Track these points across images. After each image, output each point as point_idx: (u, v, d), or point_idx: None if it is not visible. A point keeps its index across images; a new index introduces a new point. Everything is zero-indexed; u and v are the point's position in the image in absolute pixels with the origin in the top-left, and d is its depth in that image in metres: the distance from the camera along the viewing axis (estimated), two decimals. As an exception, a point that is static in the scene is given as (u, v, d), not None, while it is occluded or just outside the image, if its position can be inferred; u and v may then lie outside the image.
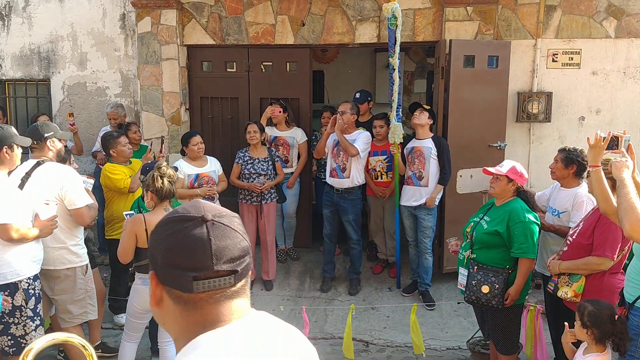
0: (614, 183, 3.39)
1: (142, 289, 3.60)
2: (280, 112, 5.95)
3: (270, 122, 6.03)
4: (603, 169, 3.16)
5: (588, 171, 3.53)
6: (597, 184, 3.06)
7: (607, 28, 5.76)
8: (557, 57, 5.85)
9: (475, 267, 3.73)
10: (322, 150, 5.59)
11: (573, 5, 5.77)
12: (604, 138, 3.01)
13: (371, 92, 6.71)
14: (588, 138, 3.12)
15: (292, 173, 6.11)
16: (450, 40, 5.51)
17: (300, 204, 6.34)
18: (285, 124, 6.07)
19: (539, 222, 3.70)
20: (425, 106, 5.35)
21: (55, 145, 3.80)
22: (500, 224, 3.65)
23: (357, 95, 6.13)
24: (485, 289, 3.65)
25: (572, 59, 5.83)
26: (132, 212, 4.00)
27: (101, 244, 6.10)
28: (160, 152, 5.14)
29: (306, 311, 4.64)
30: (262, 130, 5.62)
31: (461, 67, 5.52)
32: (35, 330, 3.42)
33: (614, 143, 3.06)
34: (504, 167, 3.70)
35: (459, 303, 4.09)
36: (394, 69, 5.20)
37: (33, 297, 3.38)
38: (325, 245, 5.78)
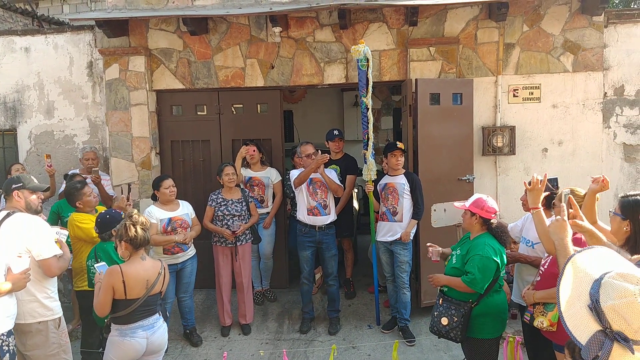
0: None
1: (118, 341, 3.48)
2: (254, 151, 5.98)
3: (244, 163, 6.05)
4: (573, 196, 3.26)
5: (553, 203, 3.63)
6: (539, 225, 3.16)
7: (564, 63, 6.03)
8: (517, 92, 6.08)
9: (441, 299, 3.80)
10: (305, 181, 5.50)
11: (531, 43, 6.04)
12: (541, 180, 3.13)
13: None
14: (525, 183, 3.23)
15: (267, 213, 6.10)
16: (416, 80, 5.68)
17: (277, 244, 6.31)
18: (260, 163, 6.10)
19: (501, 262, 3.67)
20: (400, 145, 5.41)
21: (24, 195, 3.73)
22: (463, 258, 3.72)
23: (336, 132, 6.21)
24: (444, 320, 3.70)
25: (532, 93, 6.07)
26: (103, 263, 3.87)
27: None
28: (127, 200, 4.84)
29: (287, 354, 4.56)
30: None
31: (428, 105, 5.68)
32: (8, 388, 3.27)
33: (552, 184, 3.18)
34: (468, 201, 3.80)
35: (439, 337, 4.11)
36: (368, 108, 5.29)
37: (7, 354, 3.24)
38: (304, 287, 5.70)
